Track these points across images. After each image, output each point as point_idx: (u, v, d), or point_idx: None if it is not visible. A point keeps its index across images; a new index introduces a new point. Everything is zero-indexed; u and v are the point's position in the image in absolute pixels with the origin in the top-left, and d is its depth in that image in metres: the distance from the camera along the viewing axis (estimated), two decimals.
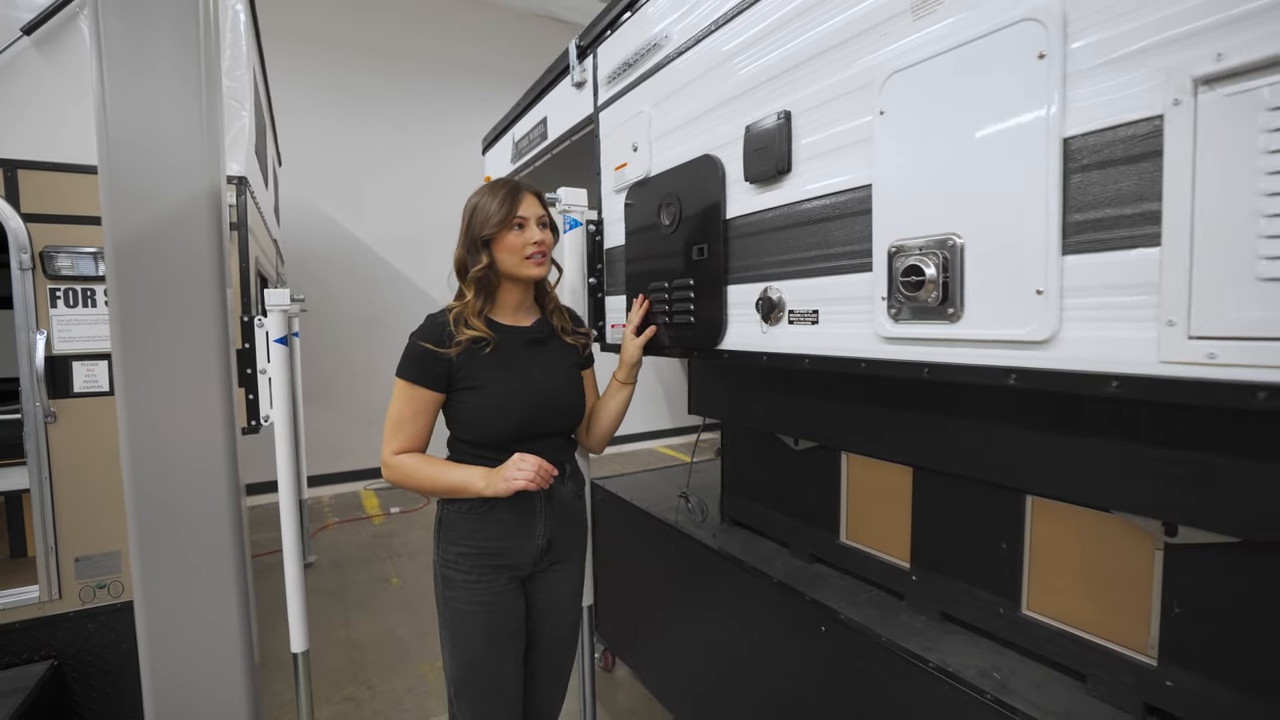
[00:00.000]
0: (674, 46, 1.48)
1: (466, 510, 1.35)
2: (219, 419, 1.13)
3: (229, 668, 1.04)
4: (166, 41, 1.03)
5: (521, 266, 1.33)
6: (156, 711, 0.96)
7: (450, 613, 1.37)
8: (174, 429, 1.06)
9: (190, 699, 1.02)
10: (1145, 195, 0.69)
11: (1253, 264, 0.61)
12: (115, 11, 1.00)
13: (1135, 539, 1.11)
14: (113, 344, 0.92)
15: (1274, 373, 0.61)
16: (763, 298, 1.22)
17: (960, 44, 0.86)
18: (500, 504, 1.33)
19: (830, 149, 1.08)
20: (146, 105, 1.03)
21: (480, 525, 1.35)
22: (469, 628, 1.36)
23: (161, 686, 1.01)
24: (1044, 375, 0.80)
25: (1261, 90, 0.60)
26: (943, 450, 1.33)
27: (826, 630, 1.48)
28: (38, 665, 1.85)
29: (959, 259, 0.87)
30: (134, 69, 1.00)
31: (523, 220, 1.33)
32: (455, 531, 1.36)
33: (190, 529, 1.08)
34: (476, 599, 1.35)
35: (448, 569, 1.37)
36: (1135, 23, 0.69)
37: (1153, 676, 1.08)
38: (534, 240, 1.32)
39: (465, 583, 1.35)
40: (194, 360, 1.07)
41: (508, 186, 1.35)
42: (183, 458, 1.07)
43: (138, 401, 0.99)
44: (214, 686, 1.04)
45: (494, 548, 1.36)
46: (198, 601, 1.03)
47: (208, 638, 1.02)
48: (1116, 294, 0.72)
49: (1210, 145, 0.63)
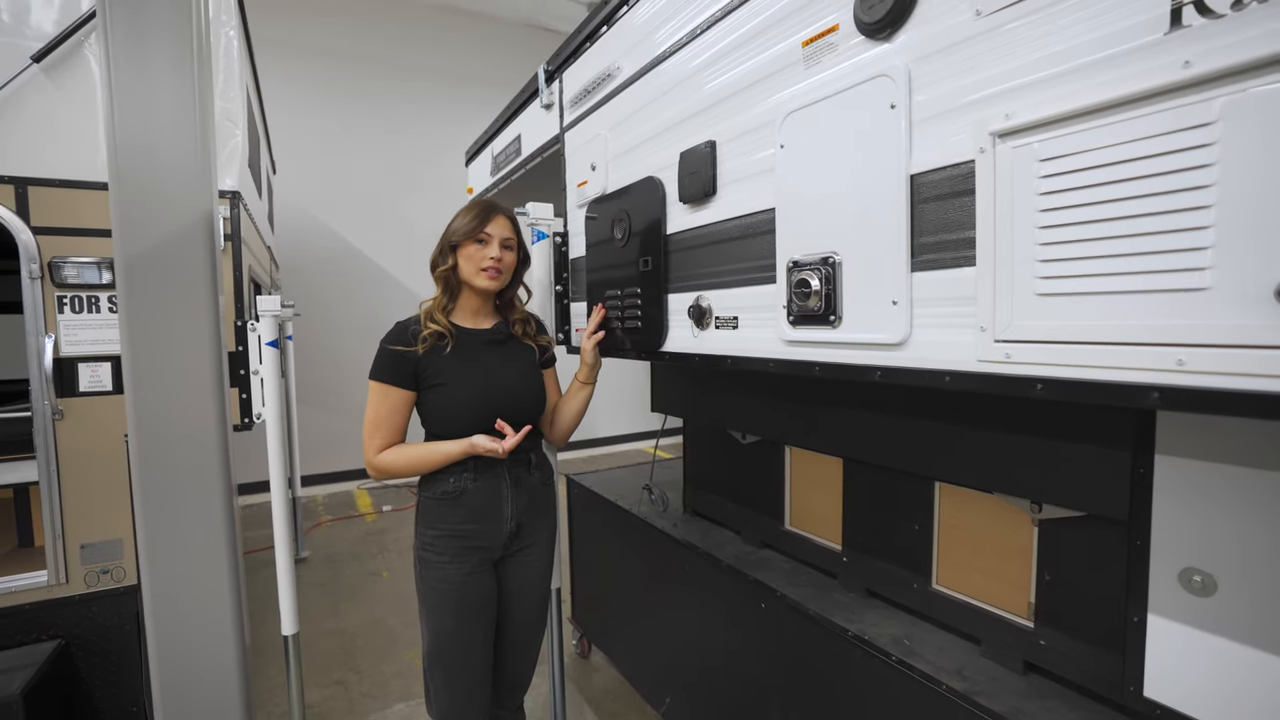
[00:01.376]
0: (625, 76, 1.63)
1: (440, 496, 1.47)
2: (212, 410, 1.28)
3: (221, 621, 1.19)
4: (166, 85, 1.18)
5: (476, 276, 1.47)
6: (160, 668, 1.11)
7: (426, 590, 1.50)
8: (176, 420, 1.21)
9: (189, 650, 1.17)
10: (965, 224, 0.84)
11: (1032, 282, 0.77)
12: (122, 54, 1.16)
13: (1017, 517, 1.26)
14: (122, 345, 1.07)
15: (1048, 369, 0.76)
16: (694, 305, 1.38)
17: (838, 91, 1.01)
18: (471, 490, 1.47)
19: (745, 175, 1.24)
20: (149, 138, 1.19)
21: (453, 510, 1.47)
22: (441, 603, 1.48)
23: (164, 646, 1.17)
24: (900, 372, 0.95)
25: (1034, 144, 0.75)
26: (866, 443, 1.49)
27: (766, 607, 1.63)
28: (46, 644, 1.99)
29: (838, 274, 1.02)
30: (138, 111, 1.16)
31: (486, 237, 1.47)
32: (431, 515, 1.49)
33: (188, 507, 1.23)
34: (449, 578, 1.48)
35: (424, 550, 1.49)
36: (957, 83, 0.85)
37: (1030, 637, 1.23)
38: (491, 255, 1.47)
39: (439, 563, 1.48)
40: (192, 360, 1.22)
41: (485, 205, 1.51)
42: (183, 446, 1.22)
43: (144, 398, 1.14)
44: (209, 640, 1.20)
45: (465, 530, 1.48)
46: (195, 560, 1.18)
47: (204, 595, 1.17)
48: (948, 305, 0.88)
49: (1003, 186, 0.79)
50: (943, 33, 0.86)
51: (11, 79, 1.94)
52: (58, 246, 2.01)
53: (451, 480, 1.47)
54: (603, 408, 6.85)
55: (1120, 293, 0.69)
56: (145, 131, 1.18)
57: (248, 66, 2.86)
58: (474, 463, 1.47)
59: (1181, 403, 0.65)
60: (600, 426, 6.91)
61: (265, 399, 2.21)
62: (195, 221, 1.22)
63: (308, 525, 4.67)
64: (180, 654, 1.22)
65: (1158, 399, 0.67)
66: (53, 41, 1.98)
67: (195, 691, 1.28)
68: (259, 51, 3.53)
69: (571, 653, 2.86)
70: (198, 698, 1.28)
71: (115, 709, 2.11)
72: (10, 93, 1.95)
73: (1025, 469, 1.15)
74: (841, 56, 1.01)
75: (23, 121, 1.97)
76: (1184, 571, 0.91)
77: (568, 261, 2.02)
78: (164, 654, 1.20)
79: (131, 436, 1.13)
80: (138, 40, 1.17)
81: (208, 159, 1.26)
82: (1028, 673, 1.24)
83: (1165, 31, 0.64)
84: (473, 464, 1.47)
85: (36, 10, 2.00)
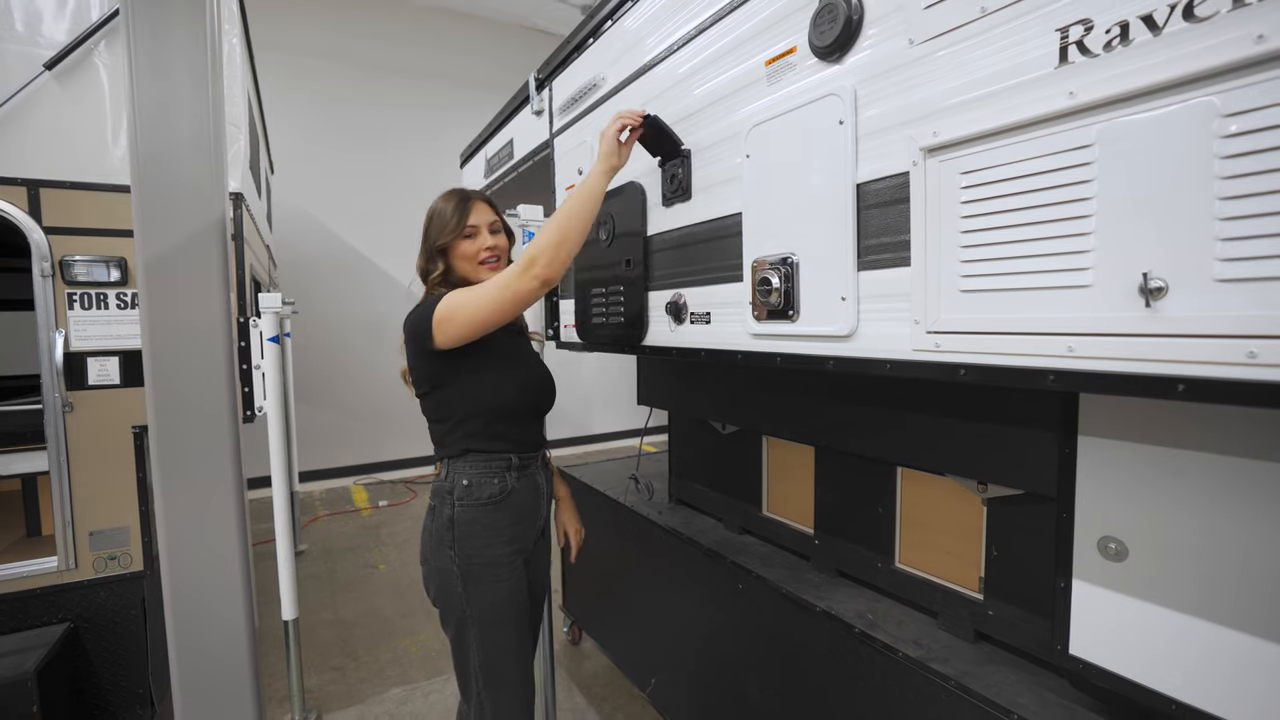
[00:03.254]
0: (610, 87, 1.73)
1: (487, 500, 1.36)
2: (225, 400, 1.38)
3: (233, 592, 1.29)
4: (184, 96, 1.28)
5: (477, 271, 1.41)
6: (176, 625, 1.21)
7: (475, 610, 1.36)
8: (192, 409, 1.31)
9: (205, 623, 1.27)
10: (902, 229, 0.95)
11: (956, 280, 0.87)
12: (145, 67, 1.26)
13: (969, 499, 1.37)
14: (143, 338, 1.17)
15: (970, 356, 0.87)
16: (672, 302, 1.48)
17: (795, 107, 1.11)
18: (517, 488, 1.40)
19: (717, 182, 1.34)
20: (169, 145, 1.29)
21: (500, 514, 1.38)
22: (501, 619, 1.37)
23: (181, 618, 1.26)
24: (849, 361, 1.06)
25: (956, 159, 0.86)
26: (834, 431, 1.59)
27: (743, 588, 1.73)
28: (56, 627, 2.08)
29: (796, 273, 1.13)
30: (159, 119, 1.26)
31: (474, 229, 1.40)
32: (477, 526, 1.36)
33: (204, 490, 1.33)
34: (504, 592, 1.37)
35: (471, 566, 1.35)
36: (895, 103, 0.95)
37: (980, 608, 1.33)
38: (486, 246, 1.41)
39: (492, 577, 1.36)
40: (208, 352, 1.32)
41: (458, 197, 1.42)
42: (199, 433, 1.32)
43: (163, 388, 1.24)
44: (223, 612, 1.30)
45: (514, 533, 1.40)
46: (210, 540, 1.28)
47: (218, 572, 1.27)
48: (889, 301, 0.98)
49: (932, 195, 0.89)
50: (883, 58, 0.96)
51: (25, 85, 2.03)
52: (68, 246, 2.10)
53: (496, 481, 1.38)
54: (597, 405, 6.95)
55: (1024, 289, 0.80)
56: (165, 139, 1.28)
57: (249, 70, 2.95)
58: (516, 458, 1.40)
59: (1073, 384, 0.76)
60: (595, 423, 7.01)
61: (266, 392, 2.31)
62: (211, 222, 1.32)
63: (305, 520, 4.76)
64: (196, 627, 1.32)
65: (1053, 381, 0.77)
66: (64, 50, 2.07)
67: (210, 663, 1.37)
68: (259, 54, 3.63)
69: (563, 640, 2.96)
70: (213, 670, 1.37)
71: (121, 689, 2.20)
72: (24, 99, 2.04)
73: (971, 452, 1.26)
74: (799, 76, 1.12)
75: (35, 126, 2.07)
76: (1101, 540, 1.02)
77: None
78: (181, 626, 1.30)
79: (151, 425, 1.23)
80: (158, 49, 1.26)
81: (221, 164, 1.36)
82: (978, 641, 1.35)
83: (1055, 66, 0.74)
84: (515, 459, 1.40)
85: (49, 20, 2.09)
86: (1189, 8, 0.63)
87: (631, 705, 2.45)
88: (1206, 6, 0.62)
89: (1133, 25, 0.67)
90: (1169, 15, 0.65)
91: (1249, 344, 0.60)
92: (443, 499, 1.38)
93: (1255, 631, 0.85)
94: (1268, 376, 0.59)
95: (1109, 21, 0.70)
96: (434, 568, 1.40)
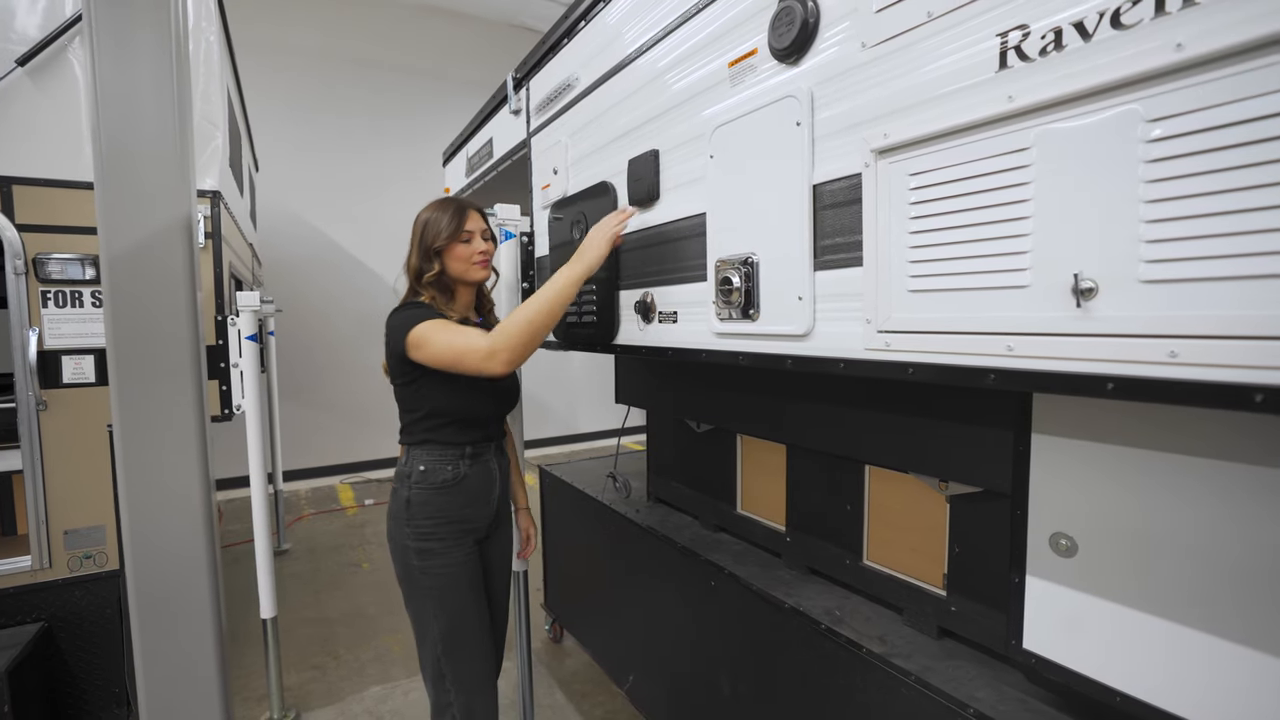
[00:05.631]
0: (582, 87, 1.74)
1: (440, 485, 1.51)
2: (192, 403, 1.38)
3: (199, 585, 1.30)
4: (148, 94, 1.27)
5: (470, 271, 1.54)
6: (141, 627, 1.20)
7: (431, 579, 1.51)
8: (157, 414, 1.31)
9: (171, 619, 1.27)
10: (855, 229, 0.96)
11: (905, 280, 0.89)
12: (107, 62, 1.25)
13: (933, 497, 1.38)
14: (107, 338, 1.17)
15: (918, 355, 0.88)
16: (640, 301, 1.49)
17: (756, 109, 1.13)
18: (469, 474, 1.53)
19: (684, 182, 1.35)
20: (133, 142, 1.28)
21: (452, 496, 1.52)
22: (454, 583, 1.52)
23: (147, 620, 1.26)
24: (806, 360, 1.07)
25: (905, 161, 0.87)
26: (803, 429, 1.61)
27: (716, 585, 1.75)
28: (30, 626, 2.07)
29: (756, 273, 1.14)
30: (123, 117, 1.25)
31: (469, 234, 1.53)
32: (429, 506, 1.50)
33: (170, 492, 1.33)
34: (456, 560, 1.52)
35: (425, 541, 1.50)
36: (849, 105, 0.96)
37: (943, 604, 1.35)
38: (480, 250, 1.54)
39: (444, 549, 1.51)
40: (173, 353, 1.31)
41: (455, 205, 1.55)
42: (164, 438, 1.31)
43: (127, 389, 1.24)
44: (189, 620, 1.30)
45: (465, 514, 1.54)
46: (175, 543, 1.28)
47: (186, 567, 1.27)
48: (843, 300, 0.99)
49: (883, 196, 0.90)
50: (838, 60, 0.97)
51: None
52: (42, 243, 2.08)
53: (450, 468, 1.51)
54: (583, 404, 6.96)
55: (968, 289, 0.81)
56: (129, 137, 1.27)
57: (229, 68, 2.93)
58: (470, 448, 1.54)
59: (1012, 383, 0.77)
60: (581, 422, 7.02)
61: (245, 391, 2.30)
62: (176, 222, 1.31)
63: (290, 519, 4.74)
64: (163, 629, 1.32)
65: (994, 379, 0.79)
66: (37, 46, 2.05)
67: (176, 665, 1.37)
68: (243, 51, 3.60)
69: (544, 637, 2.97)
70: (179, 672, 1.37)
71: (97, 688, 2.19)
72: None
73: (932, 450, 1.27)
74: (760, 78, 1.13)
75: (7, 123, 2.05)
76: (1053, 536, 1.03)
77: (534, 260, 2.13)
78: (147, 628, 1.30)
79: (115, 426, 1.23)
80: (121, 48, 1.25)
81: (186, 164, 1.35)
82: (942, 637, 1.37)
83: (996, 70, 0.76)
84: (470, 449, 1.54)
85: (21, 15, 2.07)
86: (1116, 15, 0.64)
87: (611, 702, 2.46)
88: (1131, 14, 0.63)
89: (1065, 32, 0.69)
90: (1098, 22, 0.66)
91: (1170, 343, 0.62)
92: (402, 481, 1.53)
93: (1195, 625, 0.87)
94: (1187, 375, 0.61)
95: (1044, 27, 0.71)
96: (396, 545, 1.54)
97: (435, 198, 1.63)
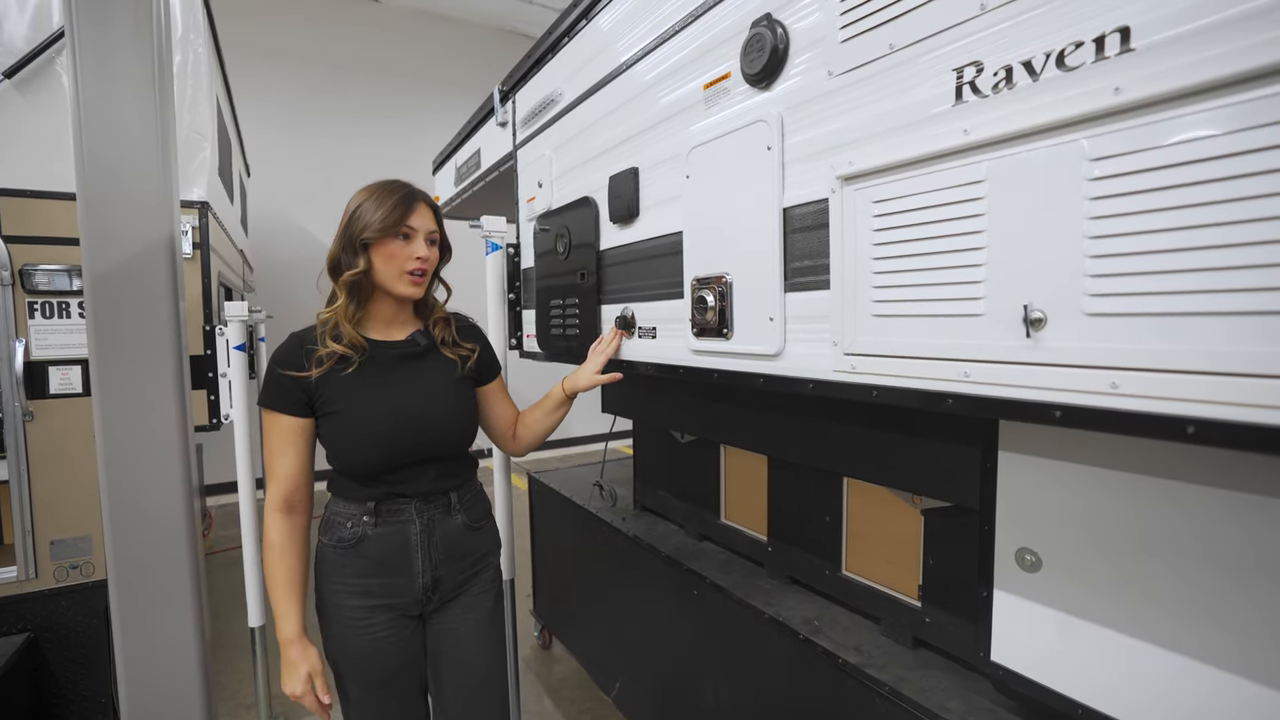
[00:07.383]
0: (566, 102, 1.76)
1: (337, 543, 1.24)
2: (174, 415, 1.39)
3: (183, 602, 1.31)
4: (131, 108, 1.29)
5: (398, 281, 1.22)
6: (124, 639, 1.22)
7: (330, 654, 1.25)
8: (139, 423, 1.32)
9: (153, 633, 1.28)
10: (823, 253, 0.98)
11: (870, 305, 0.91)
12: (91, 83, 1.26)
13: (909, 509, 1.41)
14: (89, 351, 1.18)
15: (882, 378, 0.90)
16: (621, 315, 1.51)
17: (729, 131, 1.15)
18: (371, 538, 1.22)
19: (662, 200, 1.37)
20: (115, 157, 1.30)
21: (350, 560, 1.22)
22: (348, 668, 1.23)
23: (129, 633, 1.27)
24: (777, 379, 1.09)
25: (869, 188, 0.89)
26: (784, 441, 1.63)
27: (698, 593, 1.76)
28: (15, 637, 2.07)
29: (730, 292, 1.16)
30: (106, 132, 1.27)
31: (410, 231, 1.21)
32: (328, 565, 1.24)
33: (152, 503, 1.34)
34: (357, 638, 1.22)
35: (326, 607, 1.24)
36: (817, 131, 0.99)
37: (918, 615, 1.37)
38: (418, 255, 1.21)
39: (340, 628, 1.22)
40: (156, 365, 1.33)
41: (403, 191, 1.23)
42: (147, 448, 1.33)
43: (110, 402, 1.25)
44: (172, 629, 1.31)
45: (366, 585, 1.22)
46: (158, 554, 1.30)
47: (167, 578, 1.28)
48: (812, 322, 1.02)
49: (848, 222, 0.93)
50: (806, 87, 1.00)
51: None
52: (28, 254, 2.09)
53: (349, 525, 1.23)
54: (576, 408, 6.95)
55: (927, 316, 0.83)
56: (111, 151, 1.28)
57: (218, 76, 2.94)
58: (375, 505, 1.23)
59: (968, 408, 0.79)
60: (575, 427, 7.01)
61: (233, 400, 2.31)
62: (159, 237, 1.33)
63: None
64: (144, 637, 1.33)
65: (952, 404, 0.81)
66: (24, 58, 2.06)
67: (159, 676, 1.38)
68: (234, 57, 3.61)
69: (534, 644, 2.98)
70: (160, 681, 1.38)
71: (83, 699, 2.20)
72: None
73: (905, 465, 1.29)
74: (733, 101, 1.15)
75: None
76: (1019, 551, 1.05)
77: (519, 271, 2.15)
78: (129, 639, 1.31)
79: (98, 438, 1.24)
80: (103, 67, 1.27)
81: (169, 182, 1.36)
82: (917, 648, 1.39)
83: (952, 104, 0.78)
84: (374, 506, 1.23)
85: (8, 27, 2.08)
86: (1060, 57, 0.67)
87: (599, 709, 2.47)
88: (1075, 57, 0.65)
89: (1015, 70, 0.71)
90: (1045, 63, 0.68)
91: (1112, 375, 0.64)
92: (319, 531, 1.28)
93: (1154, 640, 0.89)
94: (1127, 406, 0.63)
95: (997, 65, 0.73)
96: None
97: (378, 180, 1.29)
